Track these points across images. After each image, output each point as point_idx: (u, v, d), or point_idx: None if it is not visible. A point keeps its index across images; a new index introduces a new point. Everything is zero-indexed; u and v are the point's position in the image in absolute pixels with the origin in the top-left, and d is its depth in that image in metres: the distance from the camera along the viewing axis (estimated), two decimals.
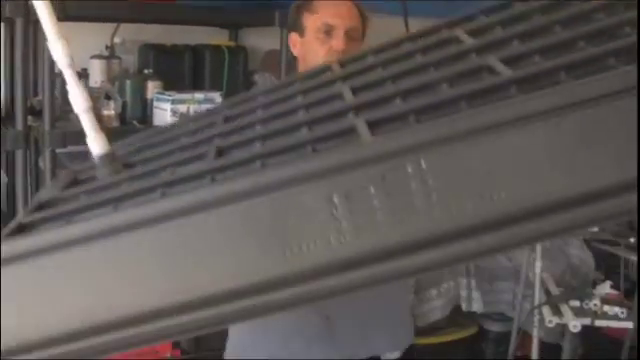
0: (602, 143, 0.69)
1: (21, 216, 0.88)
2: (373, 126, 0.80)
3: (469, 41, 1.00)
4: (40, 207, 0.93)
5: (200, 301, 0.76)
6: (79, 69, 2.74)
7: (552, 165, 0.69)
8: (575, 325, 2.78)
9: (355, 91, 0.97)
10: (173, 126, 1.21)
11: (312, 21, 1.85)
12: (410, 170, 0.73)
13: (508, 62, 0.87)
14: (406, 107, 0.83)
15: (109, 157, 0.94)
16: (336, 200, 0.74)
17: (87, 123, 0.89)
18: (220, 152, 0.92)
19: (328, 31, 1.82)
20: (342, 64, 1.18)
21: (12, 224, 0.86)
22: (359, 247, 0.75)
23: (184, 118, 1.20)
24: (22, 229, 0.85)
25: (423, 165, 0.74)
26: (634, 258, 3.08)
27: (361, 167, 0.74)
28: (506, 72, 0.84)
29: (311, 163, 0.76)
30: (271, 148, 0.85)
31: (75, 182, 1.01)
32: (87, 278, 0.79)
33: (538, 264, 2.91)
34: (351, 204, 0.73)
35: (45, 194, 0.96)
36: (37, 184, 2.75)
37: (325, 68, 1.20)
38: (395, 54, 1.09)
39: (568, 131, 0.69)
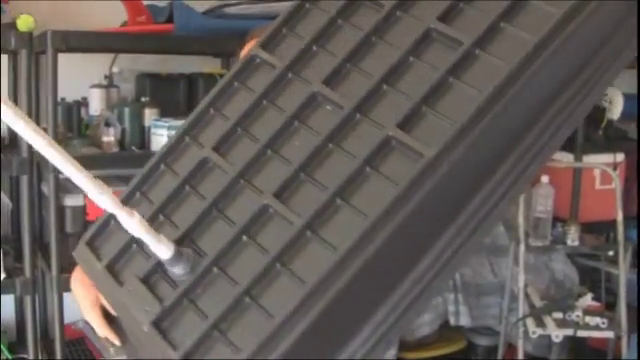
0: None
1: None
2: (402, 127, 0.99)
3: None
4: (159, 328, 0.99)
5: None
6: (80, 98, 2.87)
7: None
8: (557, 335, 2.88)
9: (327, 83, 1.08)
10: (162, 171, 1.19)
11: None
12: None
13: (444, 19, 1.05)
14: (415, 99, 0.99)
15: (177, 254, 1.00)
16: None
17: (148, 238, 0.97)
18: (278, 196, 1.02)
19: None
20: (264, 47, 1.19)
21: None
22: None
23: (159, 155, 1.21)
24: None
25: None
26: (615, 271, 3.18)
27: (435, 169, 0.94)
28: (464, 38, 1.02)
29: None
30: (338, 182, 0.98)
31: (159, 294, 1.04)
32: None
33: (521, 277, 3.01)
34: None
35: (151, 313, 1.01)
36: (40, 209, 2.86)
37: (251, 59, 1.20)
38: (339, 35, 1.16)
39: None
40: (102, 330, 1.26)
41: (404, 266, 0.96)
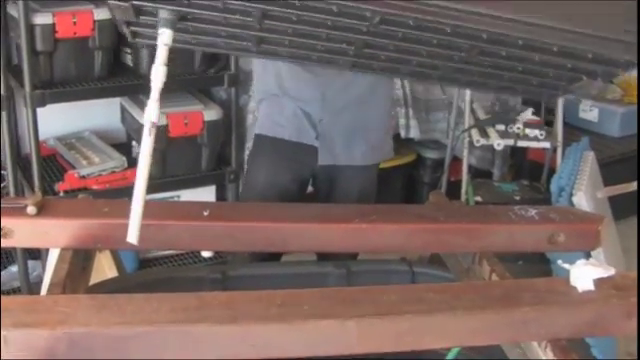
0: None
1: None
2: None
3: None
4: None
5: None
6: None
7: None
8: (499, 144, 3.12)
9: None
10: None
11: None
12: None
13: None
14: None
15: None
16: None
17: None
18: None
19: None
20: None
21: None
22: None
23: None
24: None
25: None
26: None
27: None
28: None
29: None
30: None
31: None
32: None
33: (468, 92, 3.21)
34: None
35: None
36: (7, 30, 2.91)
37: None
38: None
39: None
40: None
41: None
